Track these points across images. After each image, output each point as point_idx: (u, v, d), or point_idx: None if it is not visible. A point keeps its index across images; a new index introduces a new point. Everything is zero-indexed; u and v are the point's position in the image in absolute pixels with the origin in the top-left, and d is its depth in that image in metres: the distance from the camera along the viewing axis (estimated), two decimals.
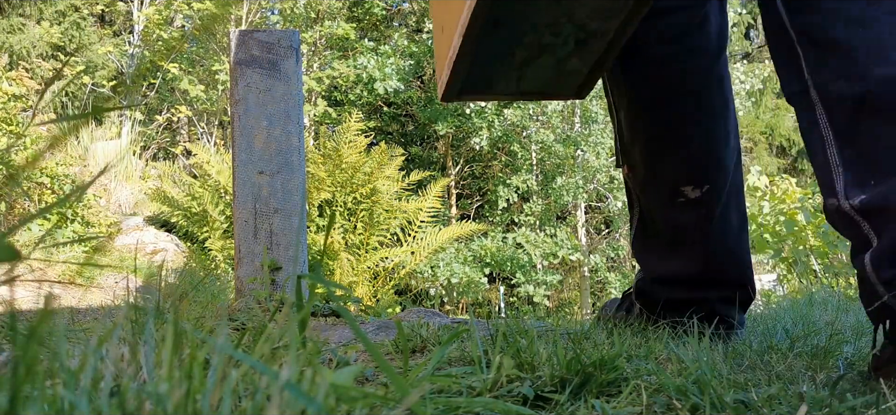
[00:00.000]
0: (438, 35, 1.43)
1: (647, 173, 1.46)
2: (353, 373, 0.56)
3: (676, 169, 1.42)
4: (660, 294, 1.48)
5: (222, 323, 1.31)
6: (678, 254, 1.46)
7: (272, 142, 2.47)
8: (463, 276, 9.93)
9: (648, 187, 1.46)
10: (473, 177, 13.62)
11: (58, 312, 1.53)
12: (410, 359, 1.19)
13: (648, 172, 1.45)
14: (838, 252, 5.29)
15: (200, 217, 6.12)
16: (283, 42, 2.53)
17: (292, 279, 2.40)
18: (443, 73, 1.39)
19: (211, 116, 10.52)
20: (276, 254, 2.43)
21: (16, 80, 5.69)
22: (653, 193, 1.46)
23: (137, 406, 0.47)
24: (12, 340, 0.44)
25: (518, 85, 1.48)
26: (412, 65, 11.88)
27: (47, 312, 0.43)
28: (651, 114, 1.42)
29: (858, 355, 1.21)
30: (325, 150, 6.38)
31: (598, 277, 11.86)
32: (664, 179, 1.43)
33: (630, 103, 1.44)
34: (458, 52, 1.31)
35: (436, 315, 2.45)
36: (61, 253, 4.57)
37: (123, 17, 11.60)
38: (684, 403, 0.79)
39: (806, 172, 16.40)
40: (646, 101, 1.42)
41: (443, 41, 1.40)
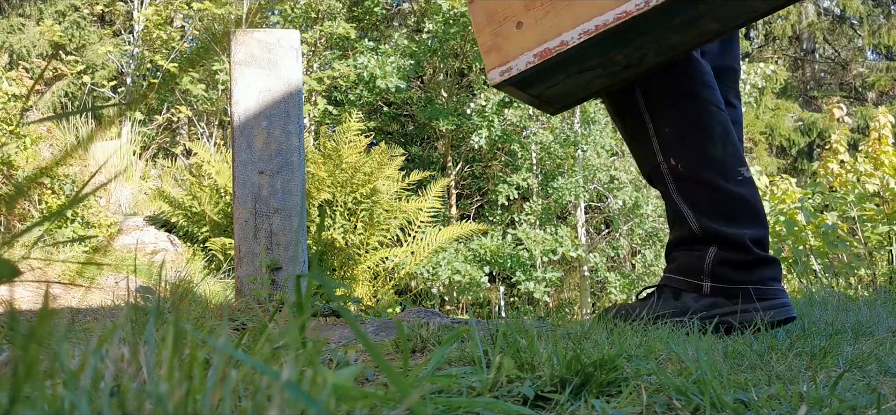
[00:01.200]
0: (511, 29, 1.56)
1: (704, 160, 1.67)
2: (353, 373, 0.56)
3: (733, 156, 1.68)
4: (737, 262, 1.64)
5: (222, 323, 1.31)
6: (756, 220, 1.67)
7: (272, 142, 2.47)
8: (465, 274, 9.94)
9: (708, 170, 1.67)
10: (473, 177, 13.62)
11: (58, 312, 1.53)
12: (410, 359, 1.19)
13: (705, 160, 1.67)
14: (838, 252, 5.29)
15: (200, 217, 6.12)
16: (283, 42, 2.53)
17: (292, 279, 2.40)
18: (509, 61, 1.54)
19: (211, 116, 10.52)
20: (276, 254, 2.43)
21: (16, 80, 5.69)
22: (715, 175, 1.66)
23: (138, 406, 0.47)
24: (12, 340, 0.44)
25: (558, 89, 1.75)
26: (412, 65, 11.88)
27: (47, 312, 0.43)
28: (701, 117, 1.68)
29: (858, 355, 1.21)
30: (325, 150, 6.38)
31: (598, 276, 11.86)
32: (725, 163, 1.67)
33: (676, 111, 1.69)
34: (559, 53, 1.51)
35: (436, 315, 2.45)
36: (61, 253, 4.57)
37: (123, 17, 11.61)
38: (684, 403, 0.79)
39: (806, 172, 16.42)
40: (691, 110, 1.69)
41: (521, 36, 1.55)
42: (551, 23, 1.52)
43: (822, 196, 6.20)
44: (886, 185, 6.07)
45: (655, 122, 1.70)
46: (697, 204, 1.66)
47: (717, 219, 1.65)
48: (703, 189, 1.66)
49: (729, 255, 1.63)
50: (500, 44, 1.56)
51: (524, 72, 1.54)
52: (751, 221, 1.66)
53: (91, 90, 9.48)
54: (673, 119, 1.68)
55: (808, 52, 19.18)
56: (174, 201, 6.23)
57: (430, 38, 12.03)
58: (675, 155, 1.67)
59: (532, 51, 1.53)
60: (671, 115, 1.69)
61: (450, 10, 11.11)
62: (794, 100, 18.85)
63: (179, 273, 4.91)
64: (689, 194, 1.67)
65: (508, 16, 1.56)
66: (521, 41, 1.55)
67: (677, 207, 1.69)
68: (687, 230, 1.68)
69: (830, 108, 8.83)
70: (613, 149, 12.09)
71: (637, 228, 12.14)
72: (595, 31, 1.48)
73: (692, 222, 1.66)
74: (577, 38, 1.49)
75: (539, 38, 1.53)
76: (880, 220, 5.62)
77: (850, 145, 9.20)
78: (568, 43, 1.50)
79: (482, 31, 1.58)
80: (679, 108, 1.69)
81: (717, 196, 1.65)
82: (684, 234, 1.69)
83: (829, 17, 18.47)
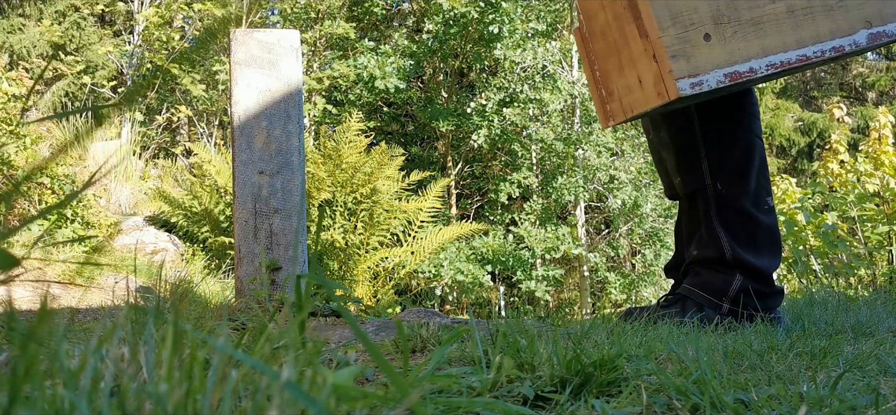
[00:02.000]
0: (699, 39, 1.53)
1: (743, 189, 1.82)
2: (353, 373, 0.56)
3: (763, 186, 1.86)
4: (758, 291, 1.81)
5: (222, 323, 1.31)
6: (776, 251, 1.86)
7: (272, 142, 2.47)
8: (468, 274, 9.95)
9: (744, 198, 1.83)
10: (473, 177, 13.61)
11: (57, 312, 1.53)
12: (410, 359, 1.19)
13: (744, 189, 1.82)
14: (838, 252, 5.29)
15: (200, 217, 6.12)
16: (283, 42, 2.53)
17: (292, 279, 2.40)
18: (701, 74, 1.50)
19: (211, 116, 10.52)
20: (276, 254, 2.43)
21: (16, 80, 5.68)
22: (749, 203, 1.83)
23: (137, 406, 0.47)
24: (12, 340, 0.44)
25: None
26: (412, 65, 11.87)
27: (46, 312, 0.43)
28: (747, 148, 1.84)
29: (858, 355, 1.21)
30: (325, 150, 6.38)
31: (598, 276, 11.86)
32: (758, 194, 1.83)
33: (728, 140, 1.83)
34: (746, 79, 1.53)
35: (436, 315, 2.45)
36: (61, 253, 4.56)
37: (123, 17, 11.60)
38: (684, 403, 0.79)
39: (806, 172, 16.41)
40: (741, 140, 1.84)
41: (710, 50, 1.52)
42: (740, 45, 1.51)
43: (822, 196, 6.20)
44: (886, 185, 6.07)
45: (707, 145, 1.83)
46: (732, 231, 1.83)
47: (747, 249, 1.82)
48: (739, 217, 1.83)
49: (752, 284, 1.81)
50: (689, 52, 1.50)
51: (713, 90, 1.51)
52: (772, 252, 1.85)
53: (91, 90, 9.47)
54: (723, 146, 1.83)
55: None
56: (174, 201, 6.22)
57: (430, 39, 12.02)
58: (722, 180, 1.82)
59: (723, 69, 1.51)
60: (723, 142, 1.82)
61: (450, 9, 11.10)
62: (794, 100, 18.85)
63: (179, 273, 4.91)
64: (726, 220, 1.83)
65: (696, 23, 1.52)
66: (712, 56, 1.51)
67: (713, 230, 1.84)
68: (718, 253, 1.83)
69: (830, 108, 8.83)
70: (613, 148, 12.08)
71: (637, 228, 12.13)
72: (779, 67, 1.51)
73: (726, 249, 1.82)
74: (764, 68, 1.51)
75: (729, 57, 1.51)
76: (880, 220, 5.62)
77: (850, 145, 9.19)
78: (755, 72, 1.51)
79: (666, 31, 1.50)
80: (731, 136, 1.82)
81: (749, 226, 1.82)
82: (713, 255, 1.84)
83: None
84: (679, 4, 1.52)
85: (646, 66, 1.55)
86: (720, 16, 1.52)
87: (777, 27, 1.53)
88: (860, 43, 1.56)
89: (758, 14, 1.53)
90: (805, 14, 1.55)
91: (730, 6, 1.53)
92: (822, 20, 1.55)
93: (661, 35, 1.50)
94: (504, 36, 11.23)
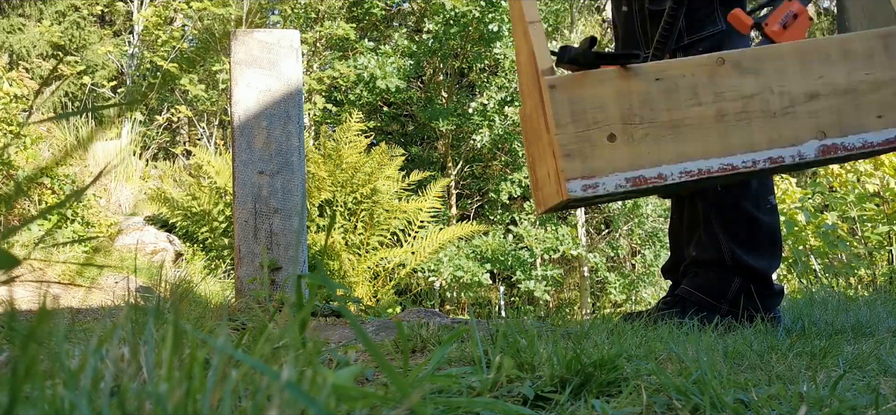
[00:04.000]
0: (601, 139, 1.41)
1: (744, 191, 1.81)
2: (353, 373, 0.56)
3: (765, 185, 1.84)
4: (757, 293, 1.82)
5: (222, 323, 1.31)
6: (776, 252, 1.86)
7: (272, 142, 2.47)
8: (468, 271, 9.95)
9: (745, 200, 1.82)
10: (473, 177, 13.61)
11: (58, 312, 1.53)
12: (410, 359, 1.19)
13: (745, 190, 1.81)
14: (838, 252, 5.29)
15: (200, 217, 6.12)
16: (283, 42, 2.53)
17: (292, 279, 2.40)
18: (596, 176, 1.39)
19: (211, 116, 10.52)
20: (276, 254, 2.43)
21: (16, 80, 5.68)
22: (750, 204, 1.82)
23: (138, 406, 0.47)
24: (12, 340, 0.44)
25: None
26: (412, 65, 11.87)
27: (47, 312, 0.43)
28: None
29: (858, 355, 1.21)
30: (326, 150, 6.38)
31: (597, 276, 11.86)
32: (759, 194, 1.83)
33: None
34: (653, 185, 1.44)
35: (436, 315, 2.45)
36: (61, 253, 4.57)
37: (123, 17, 11.60)
38: (684, 403, 0.79)
39: (806, 173, 16.40)
40: None
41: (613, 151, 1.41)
42: (650, 148, 1.39)
43: (822, 196, 6.20)
44: (886, 185, 6.07)
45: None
46: (731, 232, 1.82)
47: (747, 251, 1.82)
48: (739, 218, 1.82)
49: (751, 286, 1.82)
50: (586, 152, 1.39)
51: (611, 194, 1.39)
52: (772, 253, 1.85)
53: (91, 90, 9.47)
54: None
55: None
56: (174, 202, 6.22)
57: (430, 39, 12.02)
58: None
59: (625, 173, 1.38)
60: None
61: (452, 9, 11.11)
62: None
63: (179, 273, 4.91)
64: (726, 221, 1.82)
65: (600, 121, 1.39)
66: (613, 158, 1.39)
67: (712, 232, 1.83)
68: (717, 256, 1.83)
69: None
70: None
71: (637, 229, 12.13)
72: (696, 175, 1.39)
73: (725, 252, 1.82)
74: (676, 176, 1.39)
75: (633, 161, 1.39)
76: (880, 220, 5.62)
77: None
78: (665, 178, 1.39)
79: (564, 129, 1.39)
80: None
81: (749, 227, 1.82)
82: (712, 258, 1.84)
83: (829, 16, 18.48)
84: (584, 102, 1.40)
85: (550, 161, 1.45)
86: (631, 116, 1.40)
87: (701, 132, 1.41)
88: (807, 155, 1.42)
89: (678, 116, 1.41)
90: (739, 119, 1.42)
91: (645, 106, 1.41)
92: (760, 127, 1.42)
93: (558, 132, 1.39)
94: (503, 34, 11.23)
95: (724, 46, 1.91)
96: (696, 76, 1.44)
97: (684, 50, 1.88)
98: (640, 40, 1.93)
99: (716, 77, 1.45)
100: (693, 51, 1.88)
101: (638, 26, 1.93)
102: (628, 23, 1.96)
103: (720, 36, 1.87)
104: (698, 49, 1.87)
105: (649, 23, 1.90)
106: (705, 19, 1.87)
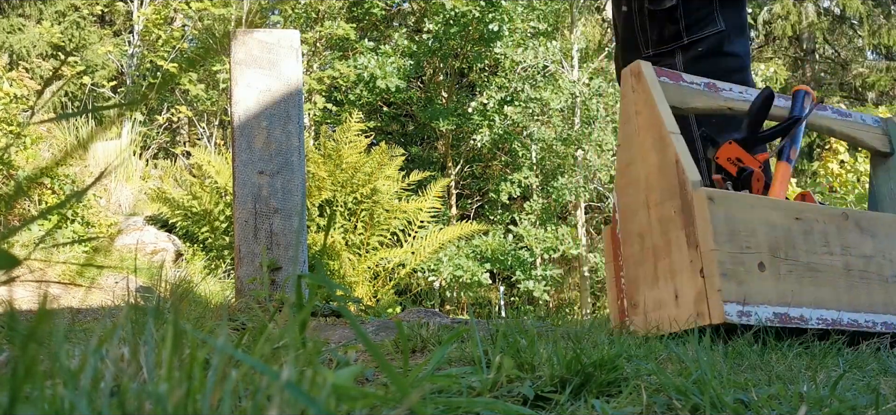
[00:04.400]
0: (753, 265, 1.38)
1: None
2: (353, 373, 0.56)
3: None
4: None
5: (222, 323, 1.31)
6: None
7: (272, 142, 2.47)
8: (467, 270, 9.95)
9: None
10: (473, 177, 13.61)
11: (58, 312, 1.53)
12: (410, 359, 1.19)
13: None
14: None
15: (201, 217, 6.12)
16: (283, 42, 2.53)
17: (292, 279, 2.40)
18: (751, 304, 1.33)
19: (211, 116, 10.52)
20: (276, 254, 2.43)
21: (16, 80, 5.68)
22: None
23: (138, 406, 0.47)
24: (12, 340, 0.44)
25: None
26: (412, 65, 11.87)
27: (47, 312, 0.43)
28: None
29: (858, 355, 1.21)
30: (326, 150, 6.38)
31: (598, 276, 11.85)
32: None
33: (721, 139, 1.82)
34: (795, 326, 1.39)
35: (436, 315, 2.45)
36: (62, 253, 4.57)
37: (123, 17, 11.60)
38: (684, 403, 0.79)
39: (806, 172, 16.41)
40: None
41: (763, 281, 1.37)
42: (793, 287, 1.37)
43: (822, 196, 6.20)
44: None
45: (706, 145, 1.82)
46: None
47: None
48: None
49: None
50: (741, 275, 1.33)
51: (757, 326, 1.32)
52: None
53: (91, 90, 9.47)
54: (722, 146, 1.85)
55: (809, 52, 19.19)
56: (174, 202, 6.22)
57: (430, 38, 12.02)
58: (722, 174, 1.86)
59: (773, 307, 1.34)
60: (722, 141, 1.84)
61: (452, 8, 11.10)
62: None
63: (179, 273, 4.91)
64: None
65: (751, 247, 1.36)
66: (763, 289, 1.35)
67: None
68: None
69: None
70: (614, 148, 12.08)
71: None
72: (830, 325, 1.38)
73: None
74: (815, 321, 1.37)
75: (781, 297, 1.36)
76: None
77: (850, 145, 9.18)
78: (806, 321, 1.36)
79: (722, 247, 1.32)
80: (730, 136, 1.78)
81: None
82: None
83: (828, 17, 18.47)
84: (738, 222, 1.36)
85: (688, 281, 1.36)
86: (777, 249, 1.38)
87: (832, 281, 1.41)
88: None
89: (815, 260, 1.41)
90: (861, 277, 1.45)
91: (788, 242, 1.40)
92: (878, 290, 1.46)
93: (716, 248, 1.31)
94: (503, 34, 11.23)
95: (723, 47, 1.91)
96: (827, 225, 1.46)
97: (684, 50, 1.87)
98: (639, 40, 1.93)
99: (842, 230, 1.48)
100: (693, 50, 1.88)
101: (637, 26, 1.93)
102: (628, 23, 1.95)
103: (719, 36, 1.87)
104: (698, 49, 1.87)
105: (649, 22, 1.89)
106: (705, 19, 1.87)
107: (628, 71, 1.56)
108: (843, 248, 1.46)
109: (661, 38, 1.89)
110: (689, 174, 1.38)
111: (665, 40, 1.88)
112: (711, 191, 1.37)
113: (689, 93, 1.61)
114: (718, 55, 1.89)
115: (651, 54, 1.91)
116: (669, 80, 1.58)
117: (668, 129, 1.45)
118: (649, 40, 1.89)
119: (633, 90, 1.54)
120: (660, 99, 1.48)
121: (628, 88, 1.55)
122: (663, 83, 1.55)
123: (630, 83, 1.55)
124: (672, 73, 1.61)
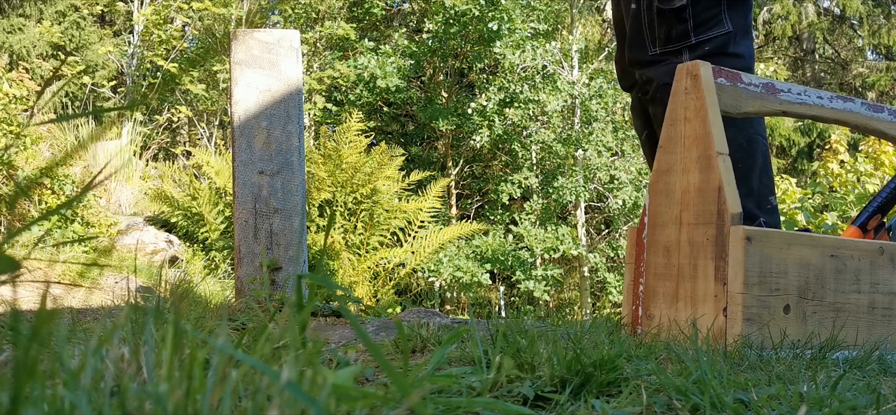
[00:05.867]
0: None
1: (746, 189, 1.79)
2: (353, 373, 0.56)
3: (766, 185, 1.85)
4: None
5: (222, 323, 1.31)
6: None
7: (272, 142, 2.47)
8: (467, 271, 9.95)
9: (747, 198, 1.79)
10: (473, 177, 13.61)
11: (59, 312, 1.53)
12: (410, 359, 1.19)
13: (747, 188, 1.80)
14: None
15: (200, 217, 6.12)
16: (283, 42, 2.53)
17: (292, 279, 2.40)
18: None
19: (211, 116, 10.52)
20: (276, 254, 2.43)
21: (16, 81, 5.68)
22: (752, 204, 1.81)
23: (138, 406, 0.47)
24: (14, 340, 0.44)
25: None
26: (412, 65, 11.87)
27: (48, 312, 0.43)
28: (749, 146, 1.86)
29: (858, 355, 1.21)
30: (326, 150, 6.38)
31: (597, 277, 11.85)
32: (760, 193, 1.84)
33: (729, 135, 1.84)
34: None
35: (436, 315, 2.45)
36: (62, 254, 4.56)
37: (123, 17, 11.60)
38: (684, 403, 0.79)
39: (806, 173, 16.41)
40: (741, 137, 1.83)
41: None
42: (814, 329, 1.39)
43: (822, 196, 6.20)
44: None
45: None
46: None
47: None
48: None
49: None
50: (764, 319, 1.35)
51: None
52: None
53: (91, 91, 9.47)
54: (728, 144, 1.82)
55: (808, 52, 19.19)
56: (174, 202, 6.23)
57: (430, 38, 12.01)
58: None
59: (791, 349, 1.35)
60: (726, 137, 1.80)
61: (451, 7, 11.10)
62: None
63: (179, 272, 4.91)
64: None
65: (780, 289, 1.37)
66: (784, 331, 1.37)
67: None
68: None
69: None
70: (614, 148, 12.09)
71: None
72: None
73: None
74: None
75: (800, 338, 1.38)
76: None
77: (850, 145, 9.19)
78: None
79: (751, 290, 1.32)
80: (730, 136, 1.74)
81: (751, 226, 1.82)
82: None
83: (828, 17, 18.47)
84: (772, 263, 1.33)
85: (709, 313, 1.33)
86: (806, 290, 1.37)
87: (853, 320, 1.42)
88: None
89: (841, 300, 1.41)
90: (884, 314, 1.46)
91: (818, 282, 1.38)
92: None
93: (745, 293, 1.28)
94: (503, 33, 11.23)
95: (728, 48, 1.91)
96: (861, 261, 1.45)
97: (691, 50, 1.88)
98: (647, 38, 1.93)
99: (875, 266, 1.47)
100: (699, 50, 1.88)
101: (645, 24, 1.93)
102: (636, 20, 1.95)
103: (726, 37, 1.87)
104: (705, 48, 1.88)
105: (657, 20, 1.89)
106: (712, 20, 1.87)
107: (685, 70, 1.47)
108: (872, 285, 1.46)
109: (668, 37, 1.89)
110: (731, 206, 1.33)
111: (672, 39, 1.89)
112: (750, 229, 1.32)
113: (746, 95, 1.53)
114: (723, 56, 1.90)
115: (657, 52, 1.91)
116: (726, 81, 1.50)
117: (716, 149, 1.38)
118: (656, 38, 1.90)
119: (686, 92, 1.46)
120: (713, 112, 1.41)
121: (681, 88, 1.47)
122: (720, 86, 1.46)
123: (684, 84, 1.46)
124: (731, 73, 1.51)
